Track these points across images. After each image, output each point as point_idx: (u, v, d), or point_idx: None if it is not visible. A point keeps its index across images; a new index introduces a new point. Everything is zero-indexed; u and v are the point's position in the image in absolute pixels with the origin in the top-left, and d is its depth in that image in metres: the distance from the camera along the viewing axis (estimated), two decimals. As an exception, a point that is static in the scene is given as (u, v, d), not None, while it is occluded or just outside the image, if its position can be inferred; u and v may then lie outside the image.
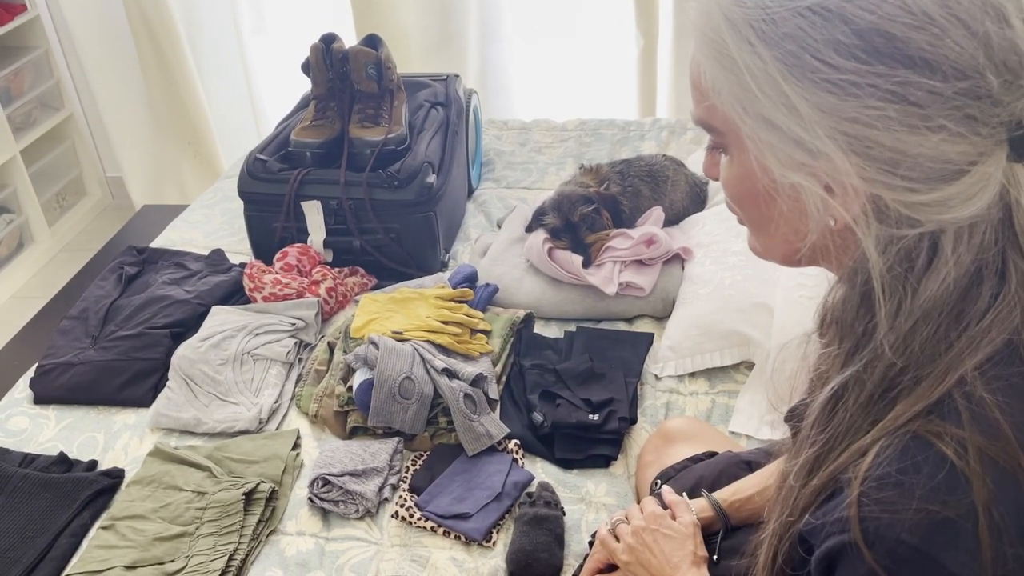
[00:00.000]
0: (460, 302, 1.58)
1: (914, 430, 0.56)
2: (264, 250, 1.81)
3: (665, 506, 0.99)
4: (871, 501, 0.55)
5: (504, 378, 1.48)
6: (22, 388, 1.56)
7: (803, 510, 0.62)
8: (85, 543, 1.26)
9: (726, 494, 1.00)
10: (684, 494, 1.00)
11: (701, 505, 0.99)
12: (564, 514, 1.21)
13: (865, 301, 0.60)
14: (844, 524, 0.56)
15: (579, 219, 1.66)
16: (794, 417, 0.72)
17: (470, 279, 1.66)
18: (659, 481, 1.12)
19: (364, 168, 1.74)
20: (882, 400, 0.59)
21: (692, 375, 1.48)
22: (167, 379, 1.51)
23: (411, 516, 1.24)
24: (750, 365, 1.46)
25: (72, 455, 1.39)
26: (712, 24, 0.59)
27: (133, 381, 1.52)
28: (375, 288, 1.75)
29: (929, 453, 0.55)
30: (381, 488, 1.28)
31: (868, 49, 0.54)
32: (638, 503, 1.24)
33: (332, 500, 1.26)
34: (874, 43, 0.54)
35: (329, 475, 1.27)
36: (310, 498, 1.27)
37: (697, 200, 1.85)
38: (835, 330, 0.64)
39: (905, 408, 0.57)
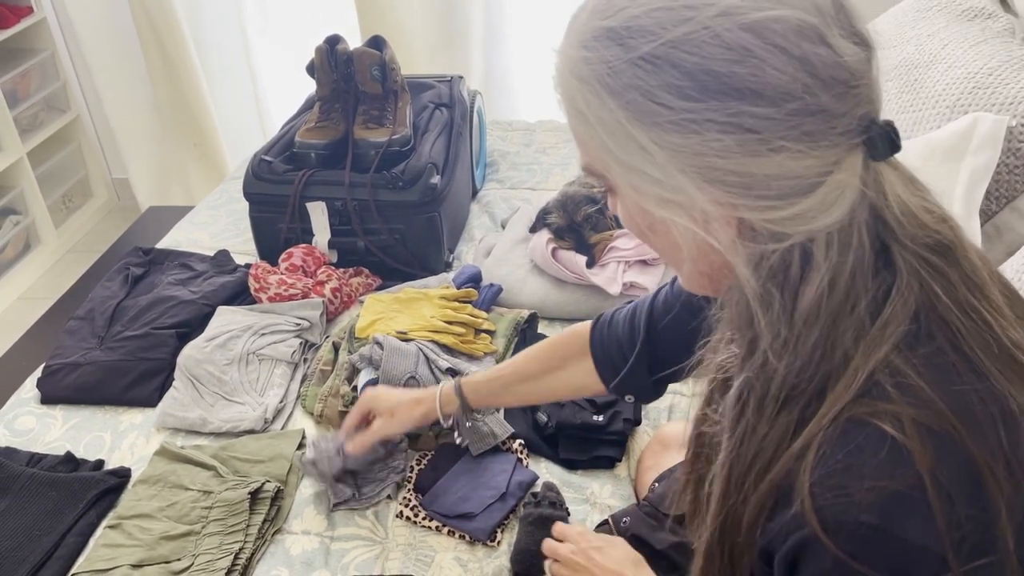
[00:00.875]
0: (464, 302, 1.59)
1: (847, 416, 0.58)
2: (269, 251, 1.82)
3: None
4: (823, 490, 0.56)
5: (508, 378, 1.48)
6: (29, 388, 1.56)
7: (751, 524, 0.62)
8: (92, 542, 1.27)
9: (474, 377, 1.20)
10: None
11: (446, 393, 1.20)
12: (569, 514, 1.21)
13: (745, 314, 0.63)
14: (800, 520, 0.57)
15: (583, 219, 1.67)
16: (699, 432, 0.74)
17: (474, 279, 1.67)
18: (656, 484, 1.13)
19: (368, 169, 1.75)
20: (787, 405, 0.60)
21: (695, 377, 1.47)
22: (173, 379, 1.51)
23: (416, 515, 1.25)
24: (754, 365, 1.46)
25: (79, 454, 1.40)
26: (565, 83, 0.64)
27: (139, 381, 1.53)
28: (380, 288, 1.75)
29: (869, 432, 0.56)
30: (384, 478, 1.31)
31: (698, 88, 0.57)
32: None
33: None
34: (702, 81, 0.57)
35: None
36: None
37: (701, 200, 1.85)
38: (734, 332, 0.66)
39: (828, 409, 0.58)
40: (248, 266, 1.76)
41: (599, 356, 1.08)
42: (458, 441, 1.30)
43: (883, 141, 0.58)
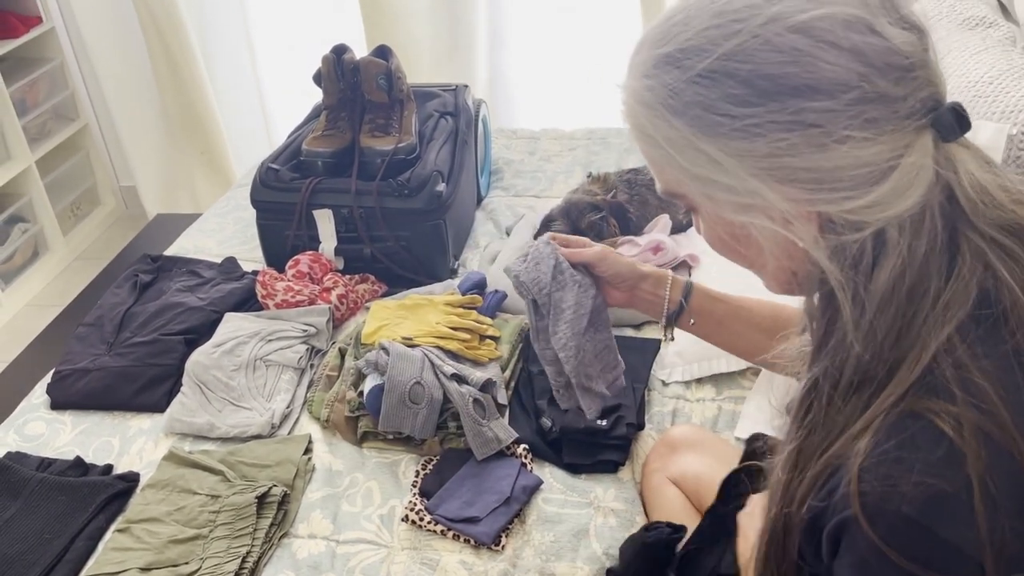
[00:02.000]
0: (469, 308, 1.60)
1: (909, 409, 0.58)
2: (276, 258, 1.83)
3: None
4: (871, 476, 0.57)
5: (513, 383, 1.50)
6: (39, 394, 1.58)
7: (802, 499, 0.63)
8: (101, 546, 1.28)
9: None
10: None
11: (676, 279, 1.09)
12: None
13: (824, 302, 0.65)
14: (846, 501, 0.58)
15: (587, 227, 1.68)
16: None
17: (479, 286, 1.68)
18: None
19: (375, 177, 1.76)
20: (859, 390, 0.62)
21: (699, 381, 1.49)
22: (181, 385, 1.53)
23: (421, 520, 1.26)
24: (756, 371, 1.47)
25: (88, 459, 1.42)
26: (632, 114, 0.69)
27: (148, 387, 1.54)
28: (385, 295, 1.77)
29: (927, 430, 0.57)
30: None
31: (756, 93, 0.61)
32: (644, 510, 1.26)
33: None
34: (759, 87, 0.60)
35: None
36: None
37: (704, 208, 1.86)
38: (809, 327, 0.69)
39: (892, 391, 0.60)
40: (255, 273, 1.78)
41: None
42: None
43: (951, 121, 0.60)
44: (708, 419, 1.42)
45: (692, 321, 1.07)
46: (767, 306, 1.07)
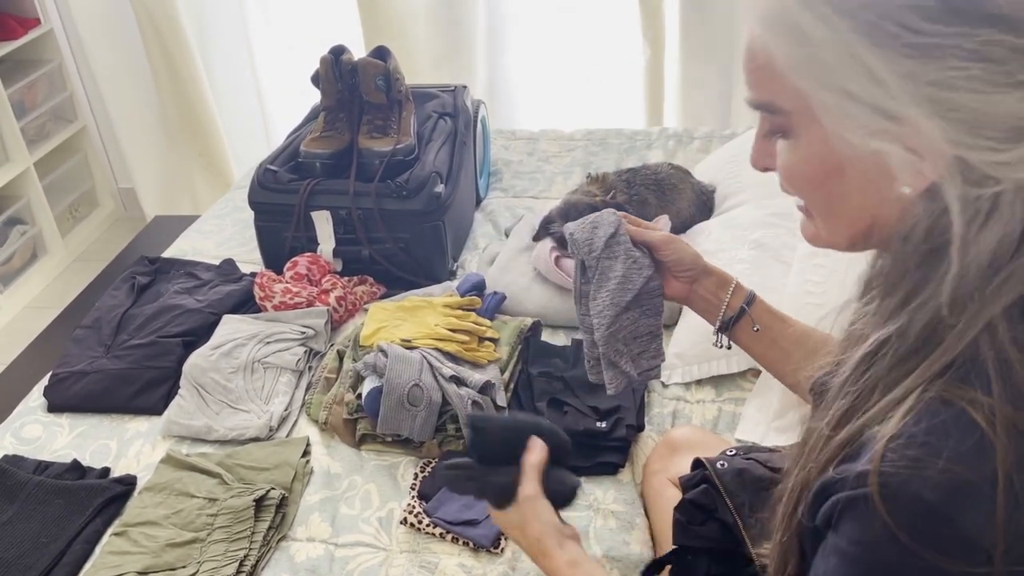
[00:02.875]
0: (468, 310, 1.60)
1: (943, 394, 0.57)
2: (274, 260, 1.83)
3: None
4: (896, 457, 0.56)
5: (512, 385, 1.49)
6: (36, 396, 1.58)
7: (827, 463, 0.62)
8: (98, 549, 1.27)
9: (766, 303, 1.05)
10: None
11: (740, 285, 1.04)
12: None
13: (921, 260, 0.60)
14: (863, 479, 0.57)
15: (586, 228, 1.68)
16: (819, 386, 0.73)
17: (478, 287, 1.67)
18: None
19: (373, 178, 1.76)
20: (919, 353, 0.60)
21: (699, 382, 1.48)
22: (179, 387, 1.52)
23: (419, 523, 1.25)
24: (757, 372, 1.46)
25: (85, 462, 1.41)
26: (782, 2, 0.61)
27: (145, 389, 1.54)
28: (384, 297, 1.76)
29: (959, 418, 0.56)
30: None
31: (949, 10, 0.55)
32: (645, 512, 1.26)
33: None
34: (955, 5, 0.55)
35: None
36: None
37: (703, 208, 1.86)
38: (880, 289, 0.65)
39: (936, 358, 0.58)
40: (253, 275, 1.77)
41: None
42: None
43: None
44: (708, 420, 1.41)
45: (756, 327, 1.03)
46: (821, 333, 1.02)
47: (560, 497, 0.97)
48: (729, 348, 1.06)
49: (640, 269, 1.03)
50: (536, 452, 0.95)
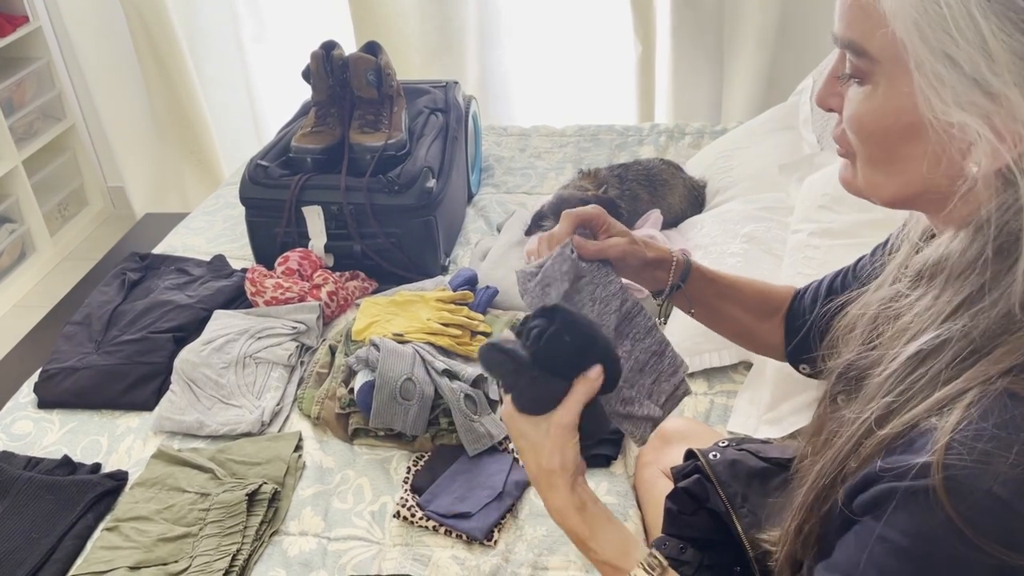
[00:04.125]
0: (460, 304, 1.60)
1: (1012, 389, 0.56)
2: (266, 255, 1.82)
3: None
4: (962, 451, 0.55)
5: (504, 379, 1.49)
6: (26, 392, 1.57)
7: (870, 457, 0.61)
8: (89, 545, 1.27)
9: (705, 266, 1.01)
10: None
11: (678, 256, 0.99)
12: None
13: (994, 254, 0.58)
14: (924, 471, 0.56)
15: (578, 222, 1.68)
16: (849, 370, 0.71)
17: (470, 282, 1.67)
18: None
19: (364, 173, 1.76)
20: (982, 351, 0.58)
21: (691, 375, 1.48)
22: (170, 383, 1.52)
23: (413, 516, 1.25)
24: (748, 365, 1.47)
25: (76, 458, 1.40)
26: None
27: (136, 385, 1.53)
28: (376, 292, 1.76)
29: None
30: None
31: None
32: (638, 504, 1.26)
33: None
34: None
35: None
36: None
37: (695, 203, 1.87)
38: (941, 282, 0.62)
39: (1003, 356, 0.57)
40: (244, 270, 1.77)
41: (789, 321, 1.02)
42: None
43: None
44: (700, 413, 1.41)
45: (691, 310, 1.02)
46: (758, 287, 1.04)
47: (591, 438, 0.85)
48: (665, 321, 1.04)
49: (608, 303, 0.90)
50: (593, 380, 0.81)
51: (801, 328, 0.98)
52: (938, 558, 0.56)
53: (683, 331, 1.51)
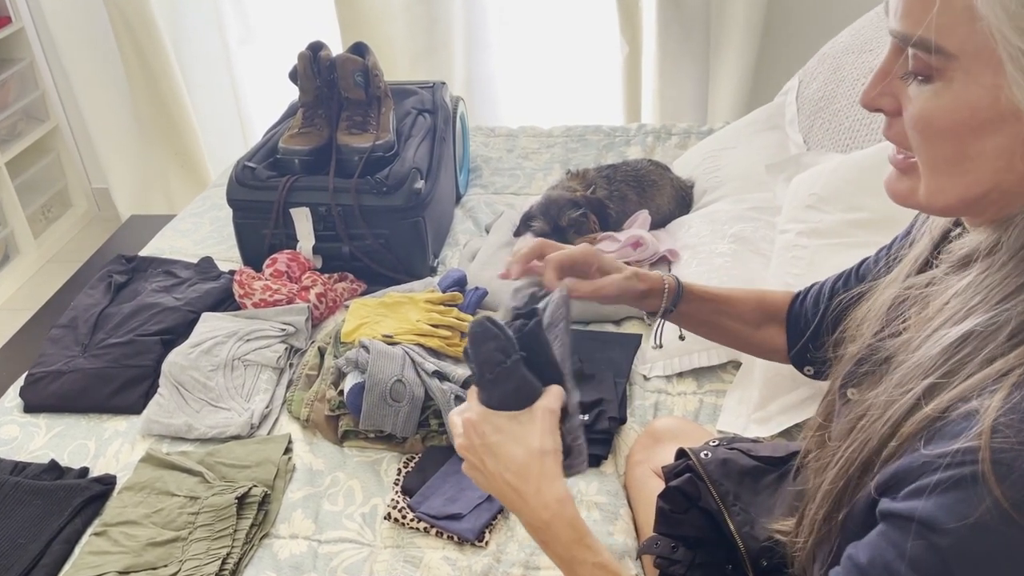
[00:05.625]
0: (450, 306, 1.60)
1: None
2: (253, 257, 1.81)
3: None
4: (1011, 433, 0.54)
5: (494, 380, 1.49)
6: (12, 397, 1.55)
7: (912, 436, 0.60)
8: (77, 550, 1.26)
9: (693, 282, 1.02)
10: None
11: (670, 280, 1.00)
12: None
13: None
14: (970, 455, 0.54)
15: (566, 223, 1.68)
16: (874, 351, 0.71)
17: (459, 283, 1.67)
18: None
19: (352, 175, 1.75)
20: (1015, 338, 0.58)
21: (680, 375, 1.49)
22: (158, 386, 1.51)
23: (404, 517, 1.25)
24: (737, 364, 1.48)
25: (63, 463, 1.39)
26: None
27: (124, 388, 1.52)
28: (364, 293, 1.75)
29: None
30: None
31: None
32: (628, 503, 1.26)
33: None
34: None
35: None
36: None
37: (683, 203, 1.87)
38: (996, 265, 0.62)
39: None
40: (232, 272, 1.76)
41: (790, 325, 1.02)
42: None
43: None
44: (690, 412, 1.42)
45: (681, 336, 1.05)
46: (752, 297, 1.05)
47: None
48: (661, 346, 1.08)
49: (565, 347, 0.84)
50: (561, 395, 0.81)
51: (805, 330, 0.98)
52: (987, 546, 0.55)
53: (671, 329, 1.51)
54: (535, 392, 0.80)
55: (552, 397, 0.79)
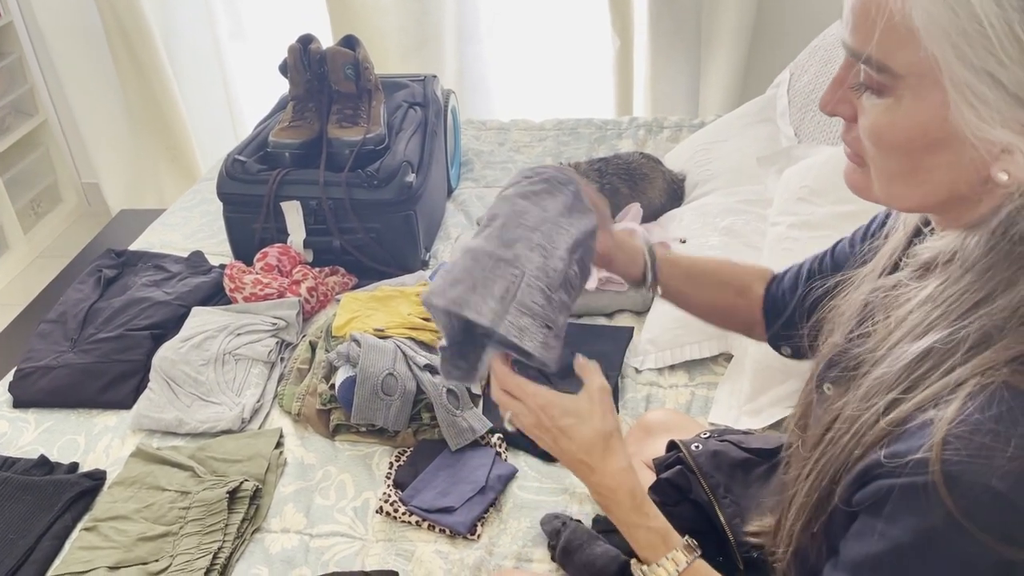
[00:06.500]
0: (441, 299, 1.59)
1: (1009, 382, 0.56)
2: (244, 251, 1.81)
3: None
4: (961, 445, 0.55)
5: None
6: (1, 392, 1.54)
7: (871, 445, 0.61)
8: (68, 545, 1.25)
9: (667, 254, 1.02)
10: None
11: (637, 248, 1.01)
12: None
13: (1015, 257, 0.58)
14: (922, 466, 0.56)
15: (558, 216, 1.68)
16: (842, 357, 0.71)
17: (451, 277, 1.67)
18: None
19: (343, 168, 1.74)
20: (986, 344, 0.58)
21: (672, 368, 1.49)
22: (148, 380, 1.50)
23: (396, 511, 1.25)
24: (728, 357, 1.48)
25: (53, 458, 1.39)
26: None
27: (114, 383, 1.51)
28: (356, 287, 1.75)
29: None
30: None
31: None
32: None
33: None
34: None
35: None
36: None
37: (674, 197, 1.87)
38: (953, 278, 0.62)
39: (1004, 349, 0.57)
40: (223, 266, 1.75)
41: (767, 306, 1.02)
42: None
43: None
44: (681, 405, 1.42)
45: (659, 291, 1.04)
46: (726, 267, 1.05)
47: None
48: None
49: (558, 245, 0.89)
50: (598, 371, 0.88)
51: (783, 311, 0.99)
52: (939, 553, 0.56)
53: (663, 324, 1.51)
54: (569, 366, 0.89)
55: (597, 371, 0.88)
